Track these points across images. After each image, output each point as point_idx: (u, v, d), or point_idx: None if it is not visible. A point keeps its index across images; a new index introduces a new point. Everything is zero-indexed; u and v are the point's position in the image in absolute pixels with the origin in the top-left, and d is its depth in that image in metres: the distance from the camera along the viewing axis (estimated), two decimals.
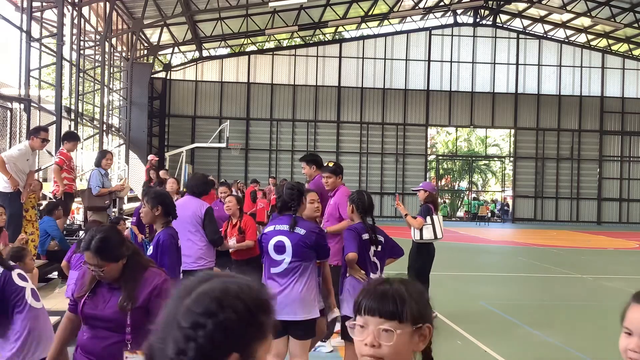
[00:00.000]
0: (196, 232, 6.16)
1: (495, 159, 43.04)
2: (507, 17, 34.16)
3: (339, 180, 6.57)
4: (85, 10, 19.65)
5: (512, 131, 34.60)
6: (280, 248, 4.53)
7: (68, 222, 11.01)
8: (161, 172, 13.95)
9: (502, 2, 32.35)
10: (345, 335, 4.99)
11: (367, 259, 4.93)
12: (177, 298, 1.19)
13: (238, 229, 7.15)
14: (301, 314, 4.48)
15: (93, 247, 3.04)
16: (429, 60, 33.38)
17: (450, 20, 33.97)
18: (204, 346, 1.12)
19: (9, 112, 11.72)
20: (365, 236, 4.96)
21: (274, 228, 4.59)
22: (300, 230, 4.50)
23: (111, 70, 23.37)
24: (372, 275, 4.90)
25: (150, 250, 4.43)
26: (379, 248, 5.02)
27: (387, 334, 1.56)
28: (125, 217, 12.10)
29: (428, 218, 8.04)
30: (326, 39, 34.12)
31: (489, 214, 33.81)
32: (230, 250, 7.10)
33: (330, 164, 6.67)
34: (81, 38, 19.05)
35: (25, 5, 13.50)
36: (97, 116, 21.40)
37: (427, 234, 8.03)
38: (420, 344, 1.61)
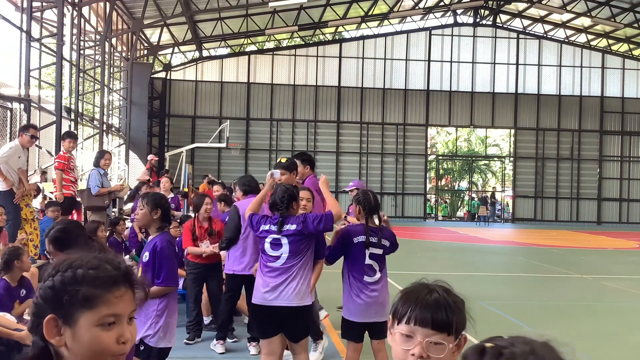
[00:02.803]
0: None
1: (495, 159, 43.02)
2: (507, 17, 34.15)
3: (293, 176, 5.88)
4: (85, 10, 19.65)
5: (512, 131, 34.59)
6: (276, 246, 4.54)
7: None
8: (142, 173, 13.87)
9: (502, 2, 32.33)
10: (345, 334, 4.97)
11: (360, 262, 4.81)
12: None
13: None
14: (295, 301, 4.49)
15: (51, 235, 3.25)
16: (429, 60, 33.37)
17: (450, 20, 33.96)
18: (42, 299, 1.44)
19: (9, 112, 11.73)
20: (359, 239, 4.82)
21: (269, 227, 4.58)
22: (291, 227, 4.51)
23: (111, 70, 23.37)
24: (365, 278, 4.79)
25: (146, 256, 4.10)
26: (378, 250, 4.87)
27: (437, 347, 1.55)
28: (125, 217, 12.09)
29: None
30: (326, 39, 34.11)
31: (489, 214, 33.77)
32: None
33: (283, 160, 5.90)
34: (81, 38, 19.05)
35: (25, 5, 13.51)
36: (97, 116, 21.40)
37: None
38: (456, 354, 1.60)
